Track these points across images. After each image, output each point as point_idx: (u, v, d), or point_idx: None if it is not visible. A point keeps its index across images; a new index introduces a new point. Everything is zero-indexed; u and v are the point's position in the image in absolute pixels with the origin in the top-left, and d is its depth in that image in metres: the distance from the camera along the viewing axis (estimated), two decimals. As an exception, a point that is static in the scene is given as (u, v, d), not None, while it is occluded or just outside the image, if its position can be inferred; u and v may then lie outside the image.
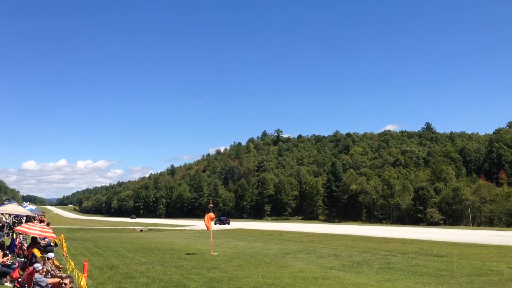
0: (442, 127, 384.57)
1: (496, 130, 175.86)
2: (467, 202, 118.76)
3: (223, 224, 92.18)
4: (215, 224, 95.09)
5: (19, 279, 12.94)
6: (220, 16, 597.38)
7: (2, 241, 19.74)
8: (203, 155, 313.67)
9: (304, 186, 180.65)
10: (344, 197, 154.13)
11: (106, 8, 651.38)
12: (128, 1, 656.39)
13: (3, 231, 24.65)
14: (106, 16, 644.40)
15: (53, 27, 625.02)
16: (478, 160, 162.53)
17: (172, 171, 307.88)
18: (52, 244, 24.84)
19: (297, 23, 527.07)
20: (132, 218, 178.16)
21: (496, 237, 43.99)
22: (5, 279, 14.33)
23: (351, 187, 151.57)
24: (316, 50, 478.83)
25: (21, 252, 19.88)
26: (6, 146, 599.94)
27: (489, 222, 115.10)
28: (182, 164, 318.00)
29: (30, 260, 15.13)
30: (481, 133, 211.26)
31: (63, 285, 11.43)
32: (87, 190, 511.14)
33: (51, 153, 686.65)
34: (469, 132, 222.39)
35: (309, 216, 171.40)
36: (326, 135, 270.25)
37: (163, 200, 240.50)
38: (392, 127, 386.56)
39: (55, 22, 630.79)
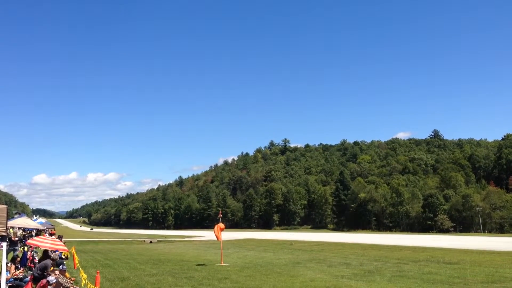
0: (450, 134, 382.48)
1: (504, 136, 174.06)
2: (477, 208, 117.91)
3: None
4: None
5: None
6: (229, 26, 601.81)
7: (17, 255, 19.85)
8: (211, 166, 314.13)
9: (313, 195, 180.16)
10: (352, 205, 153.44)
11: (114, 17, 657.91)
12: (138, 11, 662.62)
13: (18, 245, 24.74)
14: (115, 25, 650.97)
15: (69, 36, 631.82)
16: (487, 166, 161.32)
17: (180, 182, 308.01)
18: (63, 256, 24.92)
19: (302, 30, 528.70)
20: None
21: (508, 244, 43.61)
22: (18, 292, 14.41)
23: (359, 195, 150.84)
24: (323, 58, 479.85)
25: (32, 266, 19.93)
26: (17, 161, 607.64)
27: (500, 229, 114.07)
28: (190, 175, 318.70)
29: (42, 273, 15.17)
30: (490, 139, 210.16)
31: (76, 297, 11.48)
32: (96, 202, 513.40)
33: (63, 166, 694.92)
34: (477, 138, 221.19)
35: (318, 225, 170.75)
36: (333, 144, 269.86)
37: (172, 211, 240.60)
38: (403, 135, 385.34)
39: (76, 30, 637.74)
